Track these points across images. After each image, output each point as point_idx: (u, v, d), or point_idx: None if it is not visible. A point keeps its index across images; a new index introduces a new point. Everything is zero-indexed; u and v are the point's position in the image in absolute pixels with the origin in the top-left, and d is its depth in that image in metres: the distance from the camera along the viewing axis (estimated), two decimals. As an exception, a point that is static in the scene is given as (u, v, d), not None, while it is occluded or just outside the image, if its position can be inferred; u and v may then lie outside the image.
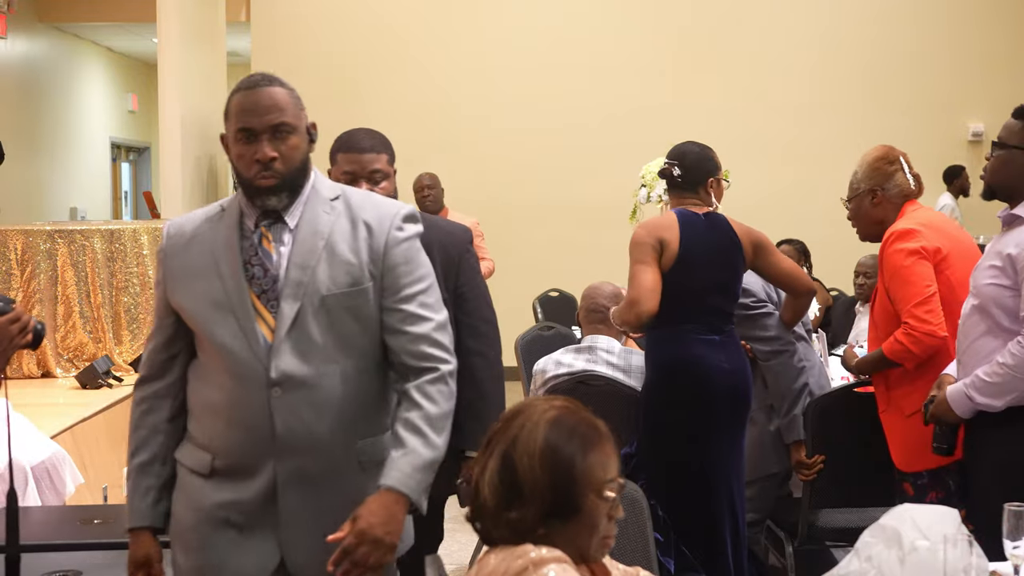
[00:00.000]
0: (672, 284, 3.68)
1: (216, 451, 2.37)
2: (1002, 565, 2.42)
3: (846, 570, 2.32)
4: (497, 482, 1.85)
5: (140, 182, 14.92)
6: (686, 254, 3.70)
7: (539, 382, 4.20)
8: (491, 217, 9.91)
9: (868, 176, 3.67)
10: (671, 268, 3.69)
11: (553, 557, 1.79)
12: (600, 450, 1.88)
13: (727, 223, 3.83)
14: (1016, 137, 3.10)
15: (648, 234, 3.74)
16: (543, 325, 6.01)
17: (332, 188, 2.44)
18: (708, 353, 3.70)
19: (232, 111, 2.46)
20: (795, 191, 9.74)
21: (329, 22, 10.07)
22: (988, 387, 3.02)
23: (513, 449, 1.85)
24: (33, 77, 11.30)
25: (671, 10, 10.11)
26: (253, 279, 2.33)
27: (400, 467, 2.25)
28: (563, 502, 1.83)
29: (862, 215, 3.70)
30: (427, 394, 2.31)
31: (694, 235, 3.73)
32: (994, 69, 10.05)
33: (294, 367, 2.29)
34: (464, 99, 10.07)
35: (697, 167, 3.86)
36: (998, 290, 3.04)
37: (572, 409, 1.91)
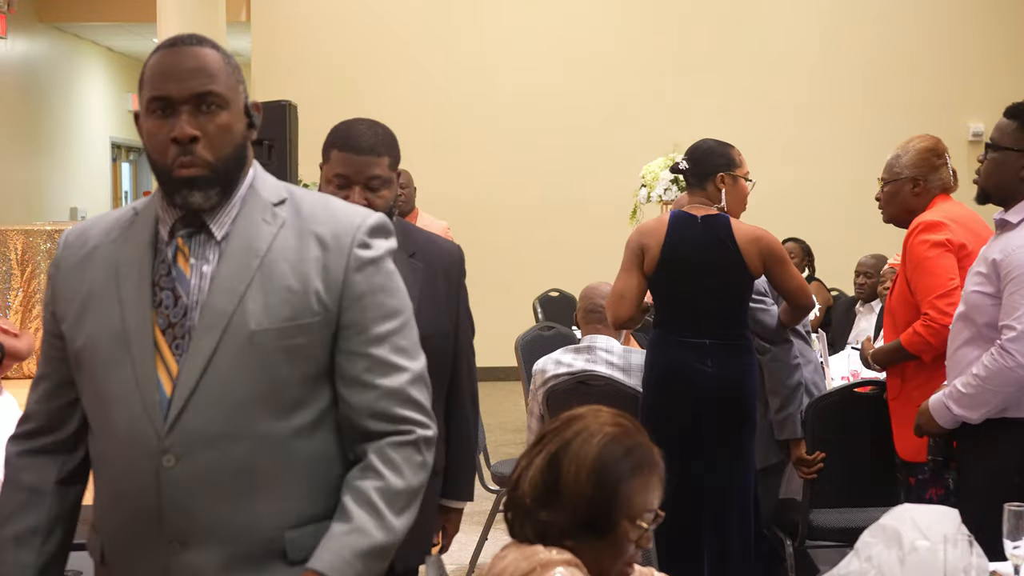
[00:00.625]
0: (658, 287, 3.73)
1: (104, 535, 1.88)
2: (1002, 565, 2.42)
3: (846, 570, 2.32)
4: (539, 480, 1.84)
5: (140, 182, 14.92)
6: (669, 258, 3.70)
7: (539, 382, 4.19)
8: (491, 217, 9.93)
9: (914, 164, 3.61)
10: (654, 272, 3.71)
11: (563, 560, 1.79)
12: (649, 478, 1.85)
13: (728, 227, 3.76)
14: (1009, 138, 3.07)
15: (634, 238, 3.79)
16: (543, 325, 6.01)
17: (277, 189, 1.84)
18: (691, 357, 3.69)
19: (145, 77, 1.79)
20: (795, 191, 9.73)
21: (329, 22, 10.07)
22: (964, 398, 3.00)
23: (564, 453, 1.84)
24: (33, 77, 11.30)
25: (671, 10, 10.11)
26: (160, 307, 1.76)
27: (337, 548, 1.71)
28: (598, 519, 1.82)
29: (898, 201, 3.64)
30: (391, 461, 1.76)
31: (682, 239, 3.70)
32: (994, 69, 10.05)
33: (198, 428, 1.72)
34: (464, 99, 10.07)
35: (704, 160, 3.82)
36: (981, 298, 3.02)
37: (632, 430, 1.88)
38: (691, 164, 3.83)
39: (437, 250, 2.72)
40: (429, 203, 10.00)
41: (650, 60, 10.09)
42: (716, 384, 3.70)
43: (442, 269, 2.69)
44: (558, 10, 10.13)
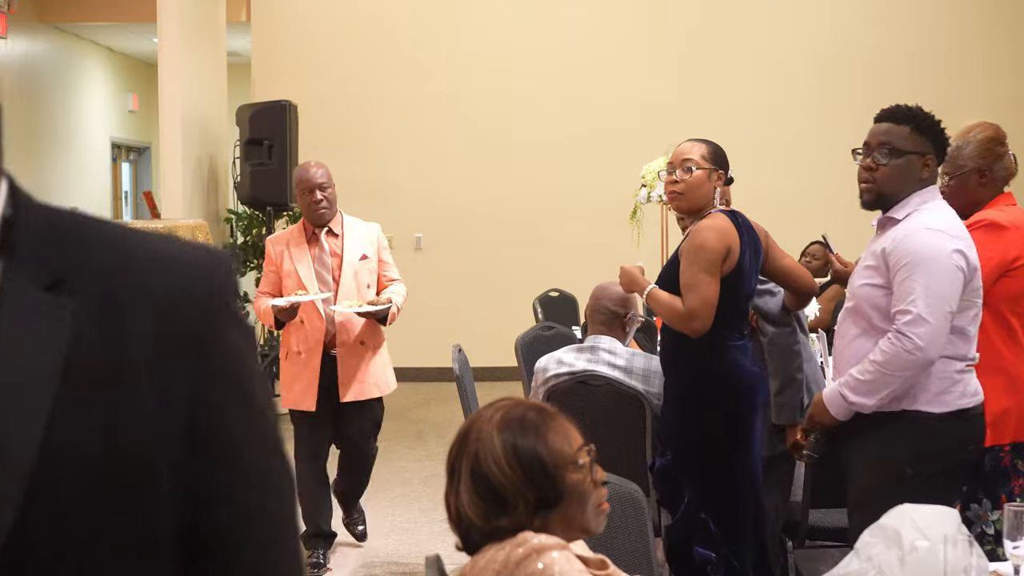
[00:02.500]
0: (725, 291, 3.59)
1: None
2: (1002, 565, 2.42)
3: (846, 570, 2.32)
4: (477, 499, 1.87)
5: (140, 182, 14.92)
6: (742, 261, 3.62)
7: (539, 381, 4.19)
8: (492, 217, 9.93)
9: (978, 155, 3.58)
10: (728, 275, 3.60)
11: (554, 543, 1.82)
12: (555, 427, 1.91)
13: (750, 223, 3.78)
14: (911, 143, 3.09)
15: (719, 239, 3.58)
16: (543, 325, 6.00)
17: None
18: (743, 360, 3.67)
19: None
20: (797, 191, 9.74)
21: (329, 22, 10.07)
22: (861, 385, 3.01)
23: (478, 463, 1.87)
24: (33, 77, 11.30)
25: (672, 11, 10.11)
26: None
27: None
28: (546, 491, 1.86)
29: (965, 193, 3.59)
30: None
31: (745, 239, 3.65)
32: (994, 69, 10.06)
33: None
34: (464, 99, 10.08)
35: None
36: (872, 290, 3.04)
37: (513, 403, 1.94)
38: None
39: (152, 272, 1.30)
40: (429, 203, 10.03)
41: (650, 61, 10.10)
42: (762, 382, 3.73)
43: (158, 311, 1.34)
44: (559, 13, 10.14)
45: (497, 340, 6.83)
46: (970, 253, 3.01)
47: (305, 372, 4.88)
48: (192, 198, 8.01)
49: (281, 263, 4.92)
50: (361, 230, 5.01)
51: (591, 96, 10.07)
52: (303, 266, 4.86)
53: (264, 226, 8.56)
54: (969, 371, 3.07)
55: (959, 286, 2.97)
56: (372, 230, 5.03)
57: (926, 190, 3.10)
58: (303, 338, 4.91)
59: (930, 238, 2.98)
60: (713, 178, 3.74)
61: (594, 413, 3.93)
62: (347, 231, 4.96)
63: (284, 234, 5.07)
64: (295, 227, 5.02)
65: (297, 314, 4.82)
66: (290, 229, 5.07)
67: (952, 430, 3.01)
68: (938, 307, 2.92)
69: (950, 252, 2.97)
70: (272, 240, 5.09)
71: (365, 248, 4.96)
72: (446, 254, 9.91)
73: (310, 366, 4.87)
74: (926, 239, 2.97)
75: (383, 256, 5.04)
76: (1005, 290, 3.44)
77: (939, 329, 2.93)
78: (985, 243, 3.39)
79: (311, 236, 4.92)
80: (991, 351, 3.39)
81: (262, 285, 5.11)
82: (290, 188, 8.22)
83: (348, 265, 4.89)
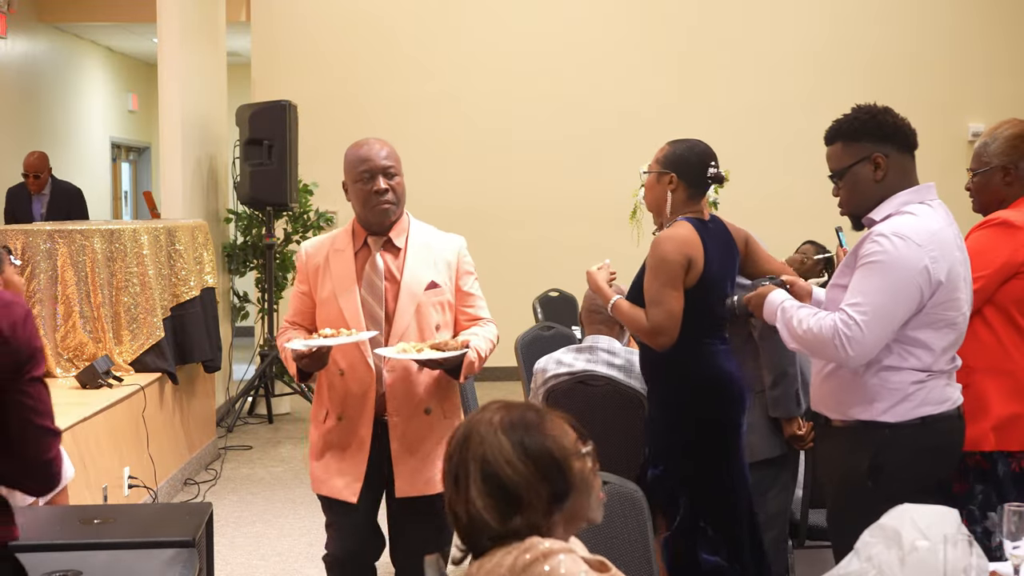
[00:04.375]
0: (694, 301, 3.57)
1: None
2: (1002, 565, 2.42)
3: (846, 570, 2.32)
4: (492, 501, 1.88)
5: (140, 182, 14.92)
6: (708, 270, 3.59)
7: (539, 381, 4.19)
8: (492, 217, 9.93)
9: (1003, 152, 3.50)
10: (694, 286, 3.58)
11: (561, 548, 1.83)
12: (552, 422, 1.95)
13: (725, 228, 3.75)
14: (848, 157, 3.02)
15: (678, 251, 3.55)
16: (543, 325, 6.00)
17: None
18: (727, 365, 3.66)
19: None
20: (797, 191, 9.74)
21: (329, 22, 10.07)
22: (791, 324, 3.02)
23: (488, 465, 1.89)
24: (33, 77, 11.29)
25: (673, 12, 10.11)
26: None
27: None
28: (558, 483, 1.89)
29: (989, 190, 3.53)
30: None
31: (712, 248, 3.62)
32: (994, 69, 10.06)
33: None
34: (465, 99, 10.08)
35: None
36: (839, 292, 3.00)
37: (505, 405, 1.97)
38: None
39: None
40: (429, 203, 10.02)
41: (650, 61, 10.10)
42: (743, 385, 3.70)
43: None
44: (559, 13, 10.14)
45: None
46: (937, 266, 2.90)
47: (348, 449, 3.45)
48: (192, 198, 8.01)
49: (317, 283, 3.50)
50: (435, 244, 3.54)
51: (591, 96, 10.07)
52: (346, 291, 3.44)
53: (263, 226, 8.56)
54: (933, 379, 2.96)
55: (912, 303, 2.89)
56: (451, 246, 3.56)
57: (914, 189, 3.00)
58: (343, 397, 3.46)
59: (896, 246, 2.88)
60: (664, 181, 3.69)
61: (594, 413, 3.93)
62: (413, 245, 3.50)
63: (324, 240, 3.57)
64: (341, 232, 3.56)
65: (328, 361, 3.38)
66: (333, 235, 3.58)
67: (911, 440, 2.94)
68: (878, 322, 2.86)
69: (913, 264, 2.87)
70: (309, 248, 3.57)
71: (436, 272, 3.49)
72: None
73: (355, 440, 3.44)
74: (889, 245, 2.88)
75: (465, 285, 3.56)
76: (1014, 292, 3.36)
77: (872, 344, 2.88)
78: (993, 241, 3.35)
79: (361, 247, 3.49)
80: (999, 353, 3.34)
81: (289, 312, 3.64)
82: (290, 188, 8.23)
83: (407, 295, 3.43)
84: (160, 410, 6.16)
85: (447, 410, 3.50)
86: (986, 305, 3.34)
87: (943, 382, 2.98)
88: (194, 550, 3.40)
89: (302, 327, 3.54)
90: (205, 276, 6.98)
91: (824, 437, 3.13)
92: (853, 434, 2.98)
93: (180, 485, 6.53)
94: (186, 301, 6.61)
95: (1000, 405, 3.32)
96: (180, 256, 6.62)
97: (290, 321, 3.59)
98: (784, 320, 3.06)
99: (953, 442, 3.04)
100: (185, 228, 6.81)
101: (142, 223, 6.71)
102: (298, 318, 3.57)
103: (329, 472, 3.47)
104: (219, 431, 7.68)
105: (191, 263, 6.74)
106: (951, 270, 2.93)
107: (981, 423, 3.28)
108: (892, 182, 3.00)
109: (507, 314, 9.15)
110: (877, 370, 2.94)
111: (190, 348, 6.61)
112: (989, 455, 3.34)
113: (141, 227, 6.26)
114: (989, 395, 3.32)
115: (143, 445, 5.80)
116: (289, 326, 3.58)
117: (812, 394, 3.18)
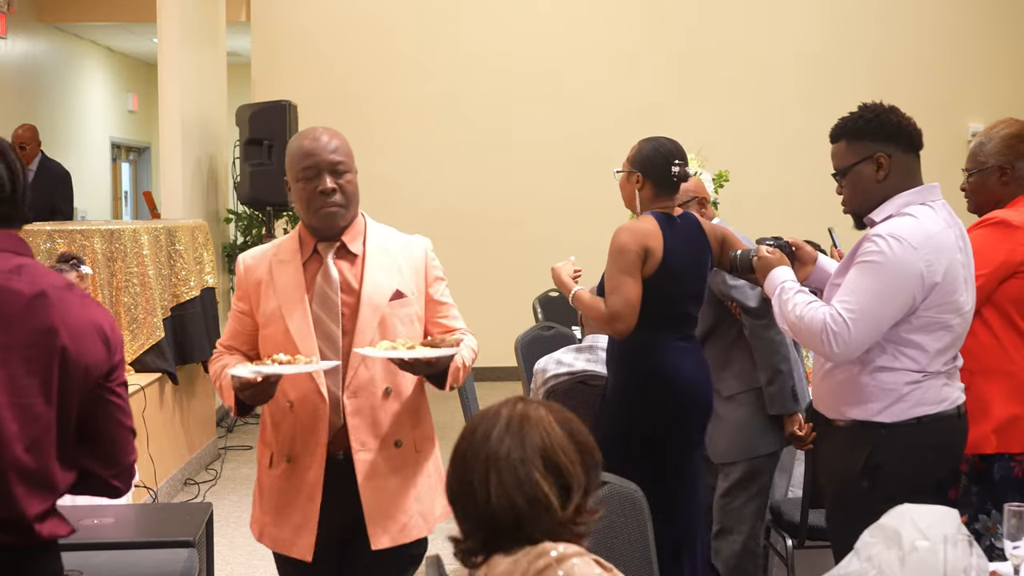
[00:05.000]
0: (652, 292, 3.60)
1: None
2: (1002, 565, 2.42)
3: (846, 570, 2.32)
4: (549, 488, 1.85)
5: (140, 182, 14.92)
6: (668, 261, 3.61)
7: (539, 381, 4.19)
8: (493, 216, 9.93)
9: (999, 152, 3.48)
10: (652, 276, 3.60)
11: (574, 551, 1.82)
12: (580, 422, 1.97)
13: (698, 224, 3.76)
14: (851, 155, 3.01)
15: (634, 241, 3.61)
16: (543, 325, 6.00)
17: None
18: (681, 362, 3.66)
19: None
20: (797, 191, 9.74)
21: (329, 22, 10.07)
22: (786, 307, 3.02)
23: (552, 452, 1.87)
24: (33, 77, 11.29)
25: (673, 12, 10.11)
26: None
27: None
28: (593, 478, 1.90)
29: (985, 190, 3.51)
30: None
31: (674, 241, 3.65)
32: (994, 69, 10.06)
33: None
34: (465, 99, 10.08)
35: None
36: (836, 290, 2.99)
37: (543, 401, 1.97)
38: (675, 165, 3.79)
39: None
40: (429, 203, 10.02)
41: (651, 61, 10.10)
42: (701, 388, 3.69)
43: None
44: (559, 13, 10.14)
45: (497, 340, 6.81)
46: (932, 269, 2.87)
47: (299, 495, 2.89)
48: (192, 198, 8.01)
49: (259, 300, 2.95)
50: (398, 248, 3.01)
51: (591, 96, 10.07)
52: (294, 308, 2.88)
53: (264, 226, 8.56)
54: (929, 379, 2.94)
55: (902, 306, 2.87)
56: (416, 249, 3.04)
57: (917, 190, 2.98)
58: (291, 435, 2.90)
59: (891, 247, 2.86)
60: (632, 180, 3.76)
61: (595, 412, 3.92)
62: (372, 250, 2.96)
63: (267, 250, 3.04)
64: (287, 240, 3.03)
65: (275, 392, 2.78)
66: (277, 243, 3.06)
67: (908, 440, 2.93)
68: (866, 322, 2.86)
69: (906, 267, 2.85)
70: (248, 260, 3.03)
71: (401, 279, 2.95)
72: (445, 254, 9.82)
73: (305, 485, 2.88)
74: (884, 246, 2.87)
75: (436, 293, 3.04)
76: (1013, 292, 3.34)
77: (857, 343, 2.88)
78: (992, 241, 3.33)
79: (311, 256, 2.95)
80: (998, 354, 3.33)
81: (224, 334, 3.07)
82: (290, 188, 8.22)
83: (369, 308, 2.89)
84: (160, 410, 6.16)
85: (419, 442, 2.96)
86: (984, 306, 3.32)
87: (940, 382, 2.96)
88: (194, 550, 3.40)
89: (240, 352, 2.99)
90: (205, 276, 6.98)
91: (823, 437, 3.13)
92: (851, 434, 2.98)
93: (180, 485, 6.53)
94: (186, 301, 6.61)
95: (1001, 407, 3.30)
96: (180, 256, 6.62)
97: (225, 345, 3.02)
98: (780, 301, 3.06)
99: (953, 442, 3.02)
100: (185, 228, 6.81)
101: (142, 223, 6.71)
102: (236, 341, 3.00)
103: (279, 524, 2.91)
104: (219, 431, 7.68)
105: (191, 263, 6.74)
106: (948, 273, 2.91)
107: (982, 425, 3.26)
108: (895, 182, 2.98)
109: (507, 314, 9.18)
110: (872, 370, 2.93)
111: (190, 348, 6.61)
112: (986, 457, 3.33)
113: (141, 227, 6.26)
114: (989, 397, 3.30)
115: (143, 445, 5.80)
116: (224, 350, 3.01)
117: (812, 393, 3.18)
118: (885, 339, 2.91)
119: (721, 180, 6.33)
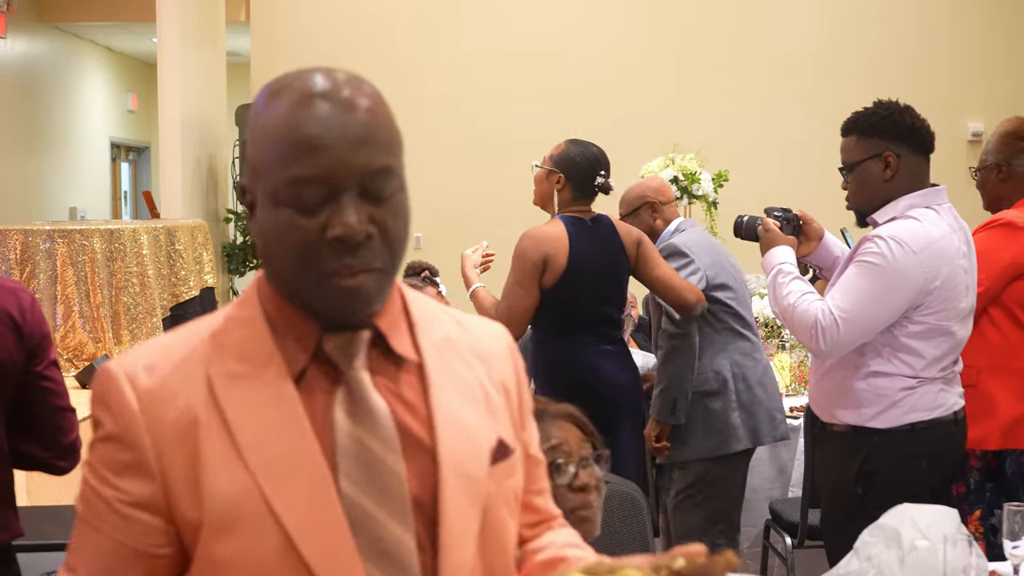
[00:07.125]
0: (564, 298, 3.56)
1: None
2: (1002, 565, 2.42)
3: (845, 570, 2.32)
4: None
5: (140, 182, 14.92)
6: (575, 267, 3.57)
7: (539, 382, 4.18)
8: (492, 216, 9.92)
9: (996, 149, 3.51)
10: (559, 282, 3.56)
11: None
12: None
13: (612, 227, 3.73)
14: (860, 151, 2.98)
15: (534, 248, 3.57)
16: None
17: None
18: (607, 365, 3.63)
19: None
20: (797, 191, 9.71)
21: (329, 22, 10.07)
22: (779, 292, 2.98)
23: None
24: (33, 77, 11.30)
25: (673, 12, 10.11)
26: None
27: None
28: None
29: (987, 187, 3.55)
30: None
31: (583, 246, 3.60)
32: (994, 69, 10.06)
33: None
34: (465, 100, 10.08)
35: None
36: None
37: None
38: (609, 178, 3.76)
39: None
40: (429, 203, 10.01)
41: (650, 61, 10.09)
42: (630, 391, 3.66)
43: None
44: (559, 13, 10.14)
45: (497, 340, 6.83)
46: (930, 275, 2.85)
47: None
48: (192, 198, 8.00)
49: (192, 474, 1.24)
50: (462, 342, 1.42)
51: (591, 96, 10.07)
52: (298, 492, 1.24)
53: (264, 226, 8.54)
54: (924, 385, 2.91)
55: (895, 310, 2.85)
56: (493, 344, 1.44)
57: (922, 193, 2.95)
58: None
59: (891, 250, 2.84)
60: (552, 179, 3.73)
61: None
62: (430, 347, 1.38)
63: (188, 350, 1.30)
64: (236, 322, 1.33)
65: None
66: (210, 328, 1.33)
67: (903, 446, 2.91)
68: (856, 322, 2.85)
69: (903, 271, 2.84)
70: (142, 382, 1.26)
71: (490, 413, 1.37)
72: (446, 254, 9.88)
73: None
74: (884, 249, 2.85)
75: (531, 439, 1.45)
76: (1018, 293, 3.34)
77: (845, 342, 2.88)
78: (998, 243, 3.32)
79: (308, 364, 1.31)
80: (1007, 352, 3.33)
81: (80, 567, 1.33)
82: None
83: (460, 482, 1.30)
84: (160, 410, 6.15)
85: None
86: (992, 305, 3.32)
87: (936, 388, 2.93)
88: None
89: None
90: (205, 276, 6.98)
91: (821, 440, 3.12)
92: (846, 438, 2.97)
93: (180, 485, 6.51)
94: (186, 301, 6.61)
95: (1008, 405, 3.30)
96: (180, 256, 6.61)
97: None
98: (776, 283, 3.04)
99: (950, 447, 3.00)
100: (185, 228, 6.81)
101: (142, 223, 6.71)
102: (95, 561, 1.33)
103: None
104: (219, 431, 7.66)
105: (191, 263, 6.74)
106: (948, 279, 2.89)
107: (988, 423, 3.26)
108: (901, 183, 2.95)
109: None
110: (866, 375, 2.91)
111: (190, 348, 6.59)
112: (998, 452, 3.32)
113: (141, 227, 6.26)
114: (996, 395, 3.30)
115: (143, 445, 5.79)
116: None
117: (809, 395, 3.17)
118: (882, 343, 2.89)
119: (721, 180, 6.33)
